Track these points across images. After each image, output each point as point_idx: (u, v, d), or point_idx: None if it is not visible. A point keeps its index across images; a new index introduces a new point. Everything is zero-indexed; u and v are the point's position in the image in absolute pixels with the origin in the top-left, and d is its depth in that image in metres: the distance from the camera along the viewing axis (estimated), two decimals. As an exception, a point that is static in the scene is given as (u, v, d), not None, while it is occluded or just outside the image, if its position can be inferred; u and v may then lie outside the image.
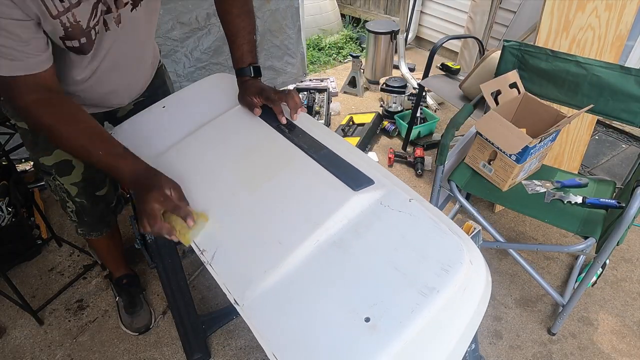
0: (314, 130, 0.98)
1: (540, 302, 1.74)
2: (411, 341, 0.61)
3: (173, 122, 1.09)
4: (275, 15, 2.69)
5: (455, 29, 3.41)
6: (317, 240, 0.74)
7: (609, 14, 1.70)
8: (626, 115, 1.46)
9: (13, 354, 1.56)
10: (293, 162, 0.90)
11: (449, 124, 1.54)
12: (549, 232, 2.06)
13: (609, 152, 2.56)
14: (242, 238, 0.79)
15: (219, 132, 1.03)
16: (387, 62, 3.20)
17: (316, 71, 3.53)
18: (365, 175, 0.84)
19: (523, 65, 1.61)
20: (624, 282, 1.81)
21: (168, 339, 1.61)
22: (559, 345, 1.59)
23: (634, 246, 1.97)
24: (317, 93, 2.89)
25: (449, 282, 0.65)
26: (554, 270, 1.86)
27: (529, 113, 1.56)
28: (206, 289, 1.78)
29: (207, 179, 0.92)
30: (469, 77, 2.09)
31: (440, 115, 2.84)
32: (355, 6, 4.16)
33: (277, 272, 0.71)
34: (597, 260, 1.36)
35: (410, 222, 0.75)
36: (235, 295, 0.70)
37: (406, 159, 2.47)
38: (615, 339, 1.61)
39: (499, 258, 1.91)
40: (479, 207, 2.14)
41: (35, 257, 1.92)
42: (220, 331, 1.62)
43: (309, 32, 3.86)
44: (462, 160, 1.67)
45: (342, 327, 0.63)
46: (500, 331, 1.63)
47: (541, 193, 1.54)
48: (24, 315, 1.68)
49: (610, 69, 1.43)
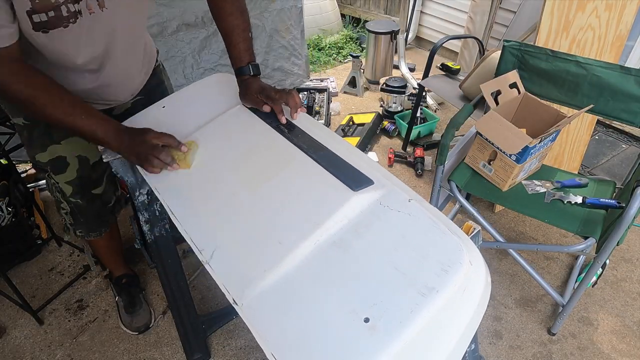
0: (313, 131, 0.98)
1: (540, 302, 1.74)
2: (411, 341, 0.61)
3: (173, 121, 1.09)
4: (281, 15, 2.68)
5: (455, 29, 3.41)
6: (317, 240, 0.74)
7: (609, 14, 1.70)
8: (626, 115, 1.46)
9: (13, 354, 1.57)
10: (293, 162, 0.90)
11: (449, 124, 1.54)
12: (549, 232, 2.06)
13: (609, 152, 2.55)
14: (241, 238, 0.79)
15: (218, 132, 1.03)
16: (387, 62, 3.20)
17: (316, 71, 3.53)
18: (365, 175, 0.84)
19: (523, 65, 1.61)
20: (624, 282, 1.81)
21: (168, 339, 1.61)
22: (559, 345, 1.59)
23: (634, 246, 1.96)
24: (317, 93, 2.89)
25: (449, 282, 0.65)
26: (554, 270, 1.86)
27: (529, 113, 1.56)
28: (206, 289, 1.78)
29: (207, 179, 0.92)
30: (469, 77, 2.09)
31: (440, 115, 2.84)
32: (355, 6, 4.16)
33: (276, 271, 0.71)
34: (597, 261, 1.36)
35: (410, 222, 0.75)
36: (234, 295, 0.70)
37: (406, 159, 2.47)
38: (615, 339, 1.61)
39: (499, 258, 1.91)
40: (479, 207, 2.14)
41: (35, 257, 1.92)
42: (220, 331, 1.62)
43: (309, 32, 3.86)
44: (462, 160, 1.67)
45: (341, 327, 0.63)
46: (500, 331, 1.63)
47: (541, 193, 1.54)
48: (24, 315, 1.68)
49: (610, 69, 1.43)
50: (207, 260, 0.76)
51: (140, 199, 1.11)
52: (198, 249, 0.79)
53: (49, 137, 1.19)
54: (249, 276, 0.72)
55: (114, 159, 1.02)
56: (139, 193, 1.11)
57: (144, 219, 1.15)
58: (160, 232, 1.19)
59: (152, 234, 1.18)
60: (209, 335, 1.59)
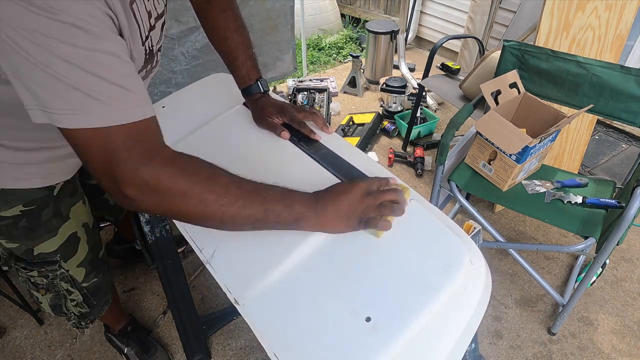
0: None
1: (540, 302, 1.74)
2: (412, 340, 0.61)
3: (172, 122, 1.09)
4: (270, 13, 2.70)
5: (455, 29, 3.41)
6: (318, 239, 0.74)
7: (609, 14, 1.70)
8: (626, 115, 1.46)
9: (13, 354, 1.56)
10: (293, 162, 0.90)
11: (449, 124, 1.54)
12: (549, 232, 2.06)
13: (609, 152, 2.56)
14: (242, 237, 0.79)
15: (218, 132, 1.03)
16: (387, 62, 3.20)
17: (316, 71, 3.53)
18: (366, 175, 0.84)
19: (523, 65, 1.61)
20: (624, 282, 1.81)
21: (168, 339, 1.61)
22: (559, 345, 1.59)
23: (634, 246, 1.97)
24: (317, 93, 2.89)
25: (449, 281, 0.65)
26: (554, 270, 1.86)
27: (529, 113, 1.56)
28: (206, 289, 1.78)
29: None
30: (469, 77, 2.09)
31: (440, 115, 2.84)
32: (355, 6, 4.16)
33: (277, 271, 0.71)
34: (597, 260, 1.36)
35: (411, 222, 0.75)
36: (235, 295, 0.70)
37: (406, 159, 2.47)
38: (615, 339, 1.61)
39: (499, 258, 1.91)
40: (479, 207, 2.14)
41: (35, 257, 1.92)
42: (220, 331, 1.62)
43: (309, 32, 3.87)
44: (462, 160, 1.67)
45: (343, 327, 0.63)
46: (500, 331, 1.63)
47: (541, 193, 1.54)
48: (24, 315, 1.68)
49: (610, 69, 1.43)
50: (208, 260, 0.76)
51: (141, 199, 1.11)
52: (199, 248, 0.79)
53: (59, 216, 0.98)
54: (250, 276, 0.72)
55: None
56: (140, 193, 1.10)
57: (144, 220, 1.15)
58: (160, 233, 1.19)
59: (152, 234, 1.17)
60: (210, 336, 1.59)
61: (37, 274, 1.01)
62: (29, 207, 0.91)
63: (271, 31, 2.77)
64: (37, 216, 0.93)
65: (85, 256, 1.07)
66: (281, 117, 0.96)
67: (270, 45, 2.85)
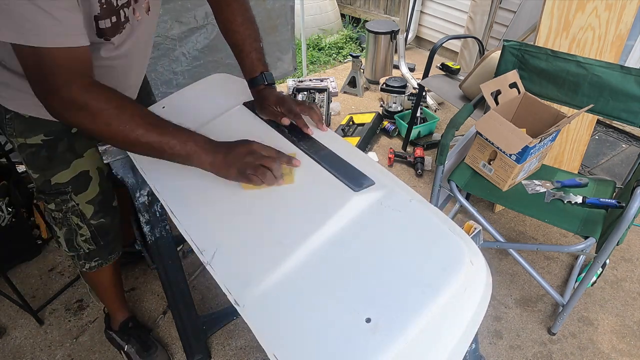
0: (314, 130, 0.98)
1: (540, 302, 1.74)
2: (412, 341, 0.61)
3: (172, 122, 1.09)
4: (271, 13, 2.71)
5: (455, 29, 3.41)
6: (318, 240, 0.74)
7: (609, 14, 1.70)
8: (626, 115, 1.47)
9: (13, 354, 1.56)
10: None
11: (449, 124, 1.54)
12: (549, 232, 2.06)
13: (609, 152, 2.56)
14: (242, 238, 0.79)
15: (219, 132, 1.02)
16: (387, 62, 3.20)
17: (316, 71, 3.53)
18: (366, 175, 0.84)
19: (523, 65, 1.61)
20: (624, 282, 1.82)
21: (168, 339, 1.61)
22: (559, 345, 1.59)
23: (634, 246, 1.97)
24: (317, 93, 2.89)
25: (450, 282, 0.65)
26: (554, 270, 1.86)
27: (529, 113, 1.56)
28: (206, 289, 1.78)
29: (207, 179, 0.92)
30: (469, 77, 2.09)
31: (440, 115, 2.84)
32: (355, 6, 4.16)
33: (277, 272, 0.71)
34: (597, 260, 1.36)
35: (411, 222, 0.75)
36: (235, 296, 0.70)
37: (406, 159, 2.47)
38: (615, 339, 1.61)
39: (499, 258, 1.91)
40: (479, 207, 2.14)
41: (35, 257, 1.92)
42: (220, 331, 1.62)
43: (309, 32, 3.87)
44: (462, 160, 1.67)
45: (343, 327, 0.63)
46: (501, 331, 1.63)
47: (541, 193, 1.54)
48: (24, 315, 1.68)
49: (610, 68, 1.43)
50: (209, 261, 0.76)
51: (141, 200, 1.11)
52: (199, 249, 0.79)
53: (72, 151, 1.09)
54: (250, 277, 0.72)
55: (114, 160, 1.01)
56: (140, 194, 1.10)
57: (144, 220, 1.15)
58: (160, 233, 1.19)
59: (152, 235, 1.17)
60: (210, 336, 1.59)
61: (54, 207, 1.13)
62: (49, 137, 1.03)
63: (271, 31, 2.78)
64: (54, 148, 1.05)
65: (95, 196, 1.16)
66: (280, 107, 0.99)
67: (271, 45, 2.85)
